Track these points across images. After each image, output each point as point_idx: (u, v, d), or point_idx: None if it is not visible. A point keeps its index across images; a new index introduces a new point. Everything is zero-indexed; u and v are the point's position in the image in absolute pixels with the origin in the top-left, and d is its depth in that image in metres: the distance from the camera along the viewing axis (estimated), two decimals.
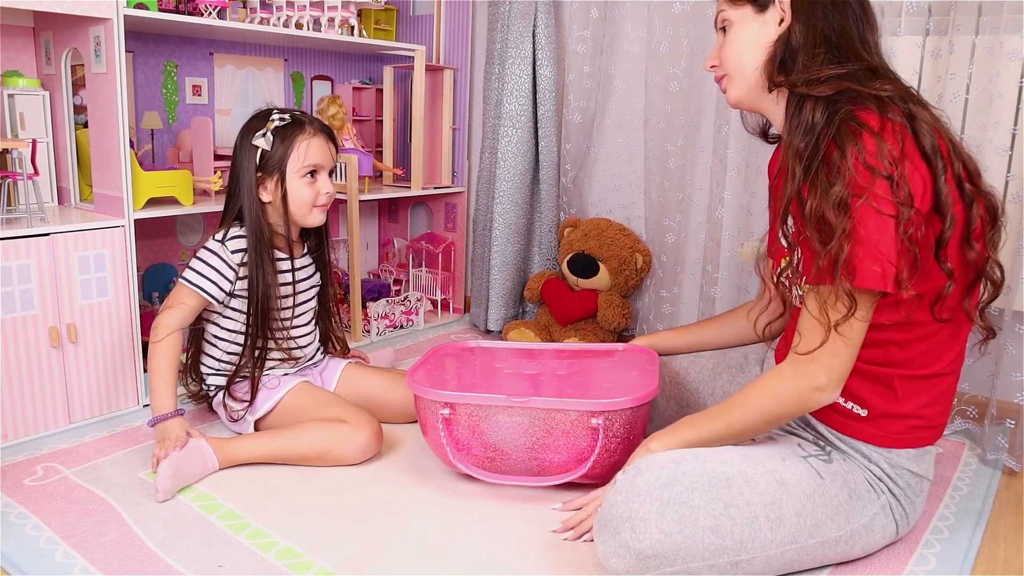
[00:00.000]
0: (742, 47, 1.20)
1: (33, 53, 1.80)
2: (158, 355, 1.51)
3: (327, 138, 1.62)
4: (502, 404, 1.34)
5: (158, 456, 1.40)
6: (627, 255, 2.18)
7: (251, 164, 1.56)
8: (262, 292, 1.56)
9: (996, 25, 1.54)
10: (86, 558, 1.19)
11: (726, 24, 1.22)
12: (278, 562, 1.20)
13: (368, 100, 2.60)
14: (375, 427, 1.52)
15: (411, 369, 1.49)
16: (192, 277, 1.55)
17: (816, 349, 1.07)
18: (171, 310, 1.54)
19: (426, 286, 2.61)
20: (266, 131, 1.55)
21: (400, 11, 2.58)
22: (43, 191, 1.72)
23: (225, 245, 1.56)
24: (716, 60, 1.26)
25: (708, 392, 1.50)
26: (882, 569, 1.21)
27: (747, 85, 1.22)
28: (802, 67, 1.13)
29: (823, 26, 1.13)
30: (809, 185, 1.07)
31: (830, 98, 1.09)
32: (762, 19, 1.18)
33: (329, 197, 1.62)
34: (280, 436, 1.50)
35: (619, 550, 1.06)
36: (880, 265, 1.01)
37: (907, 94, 1.11)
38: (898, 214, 1.01)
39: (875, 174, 1.01)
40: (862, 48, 1.13)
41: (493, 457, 1.39)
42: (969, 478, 1.54)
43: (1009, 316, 1.59)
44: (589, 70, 2.24)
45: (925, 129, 1.06)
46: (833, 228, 1.02)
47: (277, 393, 1.58)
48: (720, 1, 1.24)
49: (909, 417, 1.17)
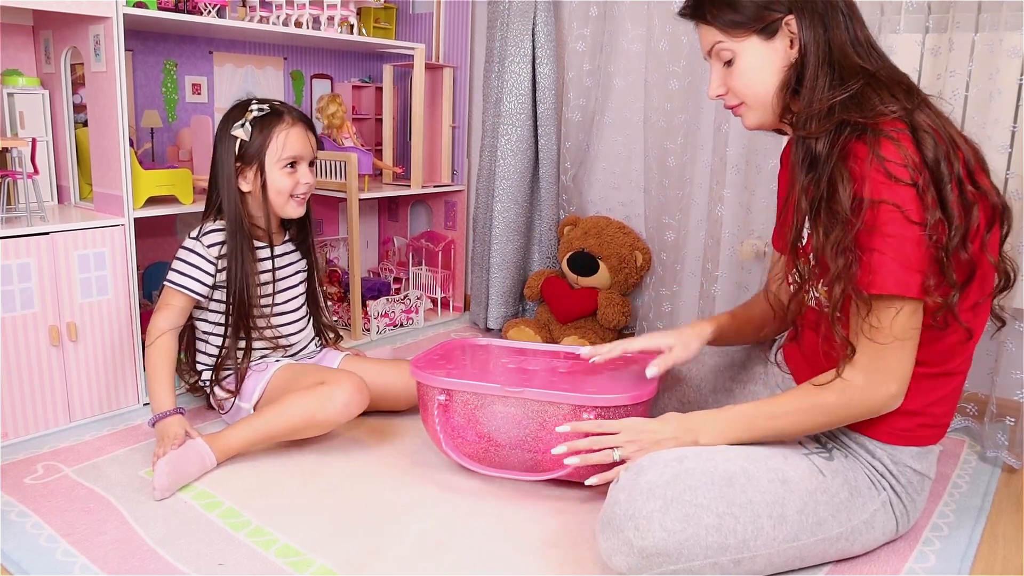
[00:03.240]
0: (755, 75, 1.17)
1: (33, 52, 1.80)
2: (151, 357, 1.54)
3: (306, 128, 1.62)
4: (497, 394, 1.35)
5: (157, 454, 1.41)
6: (627, 253, 2.18)
7: (230, 154, 1.57)
8: (240, 281, 1.57)
9: (996, 22, 1.54)
10: (86, 556, 1.19)
11: (729, 56, 1.18)
12: (278, 560, 1.20)
13: (368, 98, 2.60)
14: (355, 381, 1.51)
15: (416, 358, 1.51)
16: (174, 277, 1.57)
17: (881, 361, 1.08)
18: (160, 312, 1.57)
19: (426, 284, 2.61)
20: (244, 121, 1.56)
21: (400, 9, 2.58)
22: (43, 190, 1.72)
23: (200, 240, 1.57)
24: (722, 90, 1.22)
25: (710, 389, 1.50)
26: (882, 566, 1.22)
27: (767, 112, 1.19)
28: (806, 100, 1.11)
29: (823, 45, 1.11)
30: (812, 224, 1.09)
31: (831, 130, 1.08)
32: (771, 45, 1.15)
33: (308, 188, 1.63)
34: (265, 415, 1.50)
35: (622, 548, 1.06)
36: (906, 274, 1.02)
37: (907, 94, 1.11)
38: (925, 221, 1.02)
39: (899, 183, 1.01)
40: (858, 56, 1.12)
41: (487, 448, 1.40)
42: (969, 475, 1.55)
43: (1009, 313, 1.59)
44: (589, 68, 2.24)
45: (928, 140, 1.05)
46: (834, 269, 1.05)
47: (264, 376, 1.60)
48: (709, 32, 1.18)
49: (916, 414, 1.17)
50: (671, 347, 1.36)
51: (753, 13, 1.14)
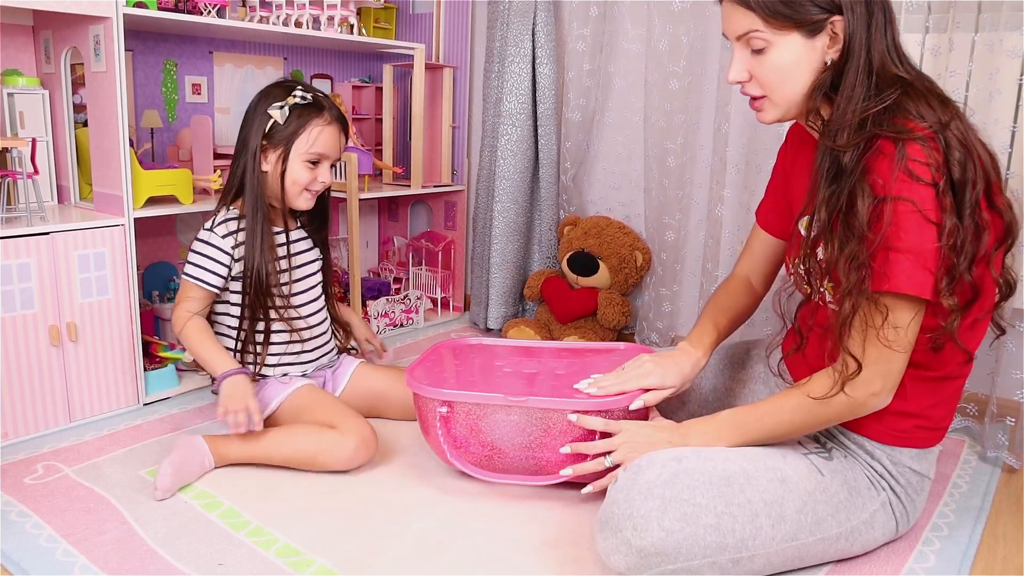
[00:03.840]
0: (789, 72, 1.11)
1: (33, 52, 1.80)
2: (189, 337, 1.54)
3: (340, 130, 1.60)
4: (500, 403, 1.34)
5: (227, 408, 1.42)
6: (627, 253, 2.18)
7: (259, 130, 1.54)
8: (258, 258, 1.54)
9: (996, 22, 1.54)
10: (86, 556, 1.19)
11: (761, 46, 1.11)
12: (278, 560, 1.20)
13: (368, 98, 2.60)
14: (364, 435, 1.48)
15: (410, 367, 1.49)
16: (191, 270, 1.56)
17: (870, 357, 1.07)
18: (180, 304, 1.56)
19: (426, 284, 2.61)
20: (284, 104, 1.53)
21: (400, 9, 2.58)
22: (43, 190, 1.72)
23: (214, 231, 1.56)
24: (745, 76, 1.14)
25: (711, 388, 1.50)
26: (882, 566, 1.22)
27: (790, 110, 1.15)
28: (840, 110, 1.07)
29: (866, 51, 1.06)
30: (828, 235, 1.07)
31: (859, 143, 1.05)
32: (811, 43, 1.09)
33: (323, 186, 1.61)
34: (271, 437, 1.48)
35: (620, 547, 1.06)
36: (919, 273, 1.01)
37: (941, 104, 1.06)
38: (942, 222, 1.00)
39: (919, 181, 1.00)
40: (895, 64, 1.08)
41: (491, 456, 1.39)
42: (969, 475, 1.54)
43: (1009, 314, 1.59)
44: (589, 68, 2.24)
45: (956, 161, 1.02)
46: (845, 284, 1.04)
47: (285, 391, 1.57)
48: (747, 17, 1.10)
49: (915, 416, 1.17)
50: (674, 387, 1.32)
51: (804, 9, 1.07)
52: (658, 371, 1.31)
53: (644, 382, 1.31)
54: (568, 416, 1.30)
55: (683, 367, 1.33)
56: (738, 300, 1.43)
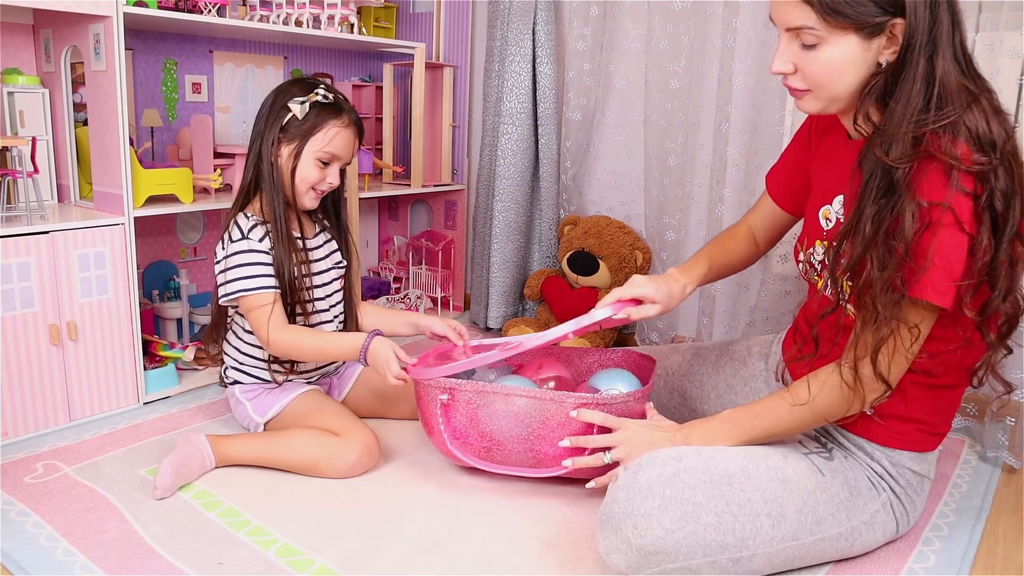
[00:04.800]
0: (840, 71, 1.05)
1: (33, 51, 1.80)
2: (299, 342, 1.50)
3: (356, 134, 1.59)
4: (496, 358, 1.35)
5: (392, 372, 1.41)
6: (627, 253, 2.18)
7: (276, 122, 1.52)
8: (287, 263, 1.51)
9: (996, 22, 1.54)
10: (86, 555, 1.19)
11: (813, 42, 1.05)
12: (278, 559, 1.20)
13: (368, 98, 2.60)
14: (367, 443, 1.47)
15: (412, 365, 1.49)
16: (249, 283, 1.48)
17: (881, 364, 1.06)
18: (263, 325, 1.48)
19: (426, 284, 2.61)
20: (306, 100, 1.52)
21: (400, 9, 2.58)
22: (43, 189, 1.72)
23: (249, 237, 1.50)
24: (790, 68, 1.09)
25: (711, 384, 1.50)
26: (882, 566, 1.22)
27: (832, 106, 1.11)
28: (895, 120, 1.01)
29: (927, 58, 1.00)
30: (867, 251, 1.03)
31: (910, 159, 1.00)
32: (867, 45, 1.03)
33: (330, 187, 1.60)
34: (273, 440, 1.48)
35: (620, 546, 1.06)
36: (944, 281, 0.99)
37: (1002, 133, 1.00)
38: (977, 235, 0.98)
39: (959, 190, 0.97)
40: (961, 74, 1.01)
41: (490, 448, 1.40)
42: (969, 475, 1.55)
43: None
44: (589, 68, 2.24)
45: (1000, 189, 0.98)
46: (880, 303, 1.02)
47: (286, 397, 1.56)
48: (803, 12, 1.03)
49: (915, 421, 1.17)
50: (654, 302, 1.32)
51: (865, 9, 1.00)
52: (649, 284, 1.32)
53: (634, 291, 1.32)
54: (569, 413, 1.31)
55: (672, 288, 1.34)
56: (738, 246, 1.44)
